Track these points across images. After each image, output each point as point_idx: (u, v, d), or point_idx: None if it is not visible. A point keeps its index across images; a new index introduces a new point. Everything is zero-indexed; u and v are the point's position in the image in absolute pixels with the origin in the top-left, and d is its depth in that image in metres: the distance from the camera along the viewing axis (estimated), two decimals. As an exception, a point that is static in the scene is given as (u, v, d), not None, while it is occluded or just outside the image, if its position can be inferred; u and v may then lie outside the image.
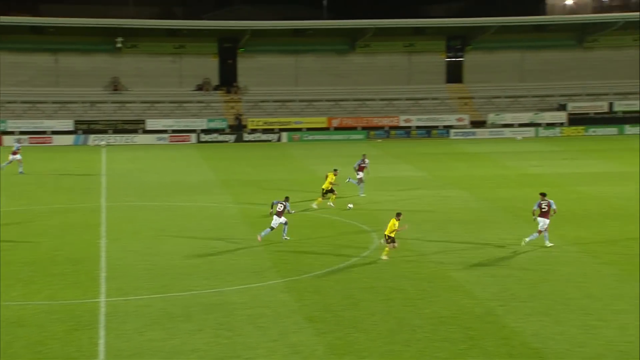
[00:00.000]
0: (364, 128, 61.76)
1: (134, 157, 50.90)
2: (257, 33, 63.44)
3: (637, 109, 61.81)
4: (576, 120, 61.23)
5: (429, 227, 29.70)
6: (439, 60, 67.00)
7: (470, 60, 66.81)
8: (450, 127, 61.52)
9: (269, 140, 60.59)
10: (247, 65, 65.71)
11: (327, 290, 21.82)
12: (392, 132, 61.48)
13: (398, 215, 24.81)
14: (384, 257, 24.84)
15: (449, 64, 67.82)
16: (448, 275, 23.35)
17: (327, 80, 66.01)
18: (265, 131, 61.48)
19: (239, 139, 60.44)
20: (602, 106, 62.25)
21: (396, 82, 66.30)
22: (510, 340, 18.19)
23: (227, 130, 61.60)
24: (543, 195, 26.77)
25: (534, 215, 26.68)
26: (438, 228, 29.50)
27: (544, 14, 74.70)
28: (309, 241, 27.59)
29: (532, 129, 60.33)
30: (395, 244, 24.72)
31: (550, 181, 39.46)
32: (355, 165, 36.28)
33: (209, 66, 65.36)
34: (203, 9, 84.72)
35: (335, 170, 33.77)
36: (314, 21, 67.48)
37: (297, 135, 60.92)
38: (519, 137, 59.03)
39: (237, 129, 61.88)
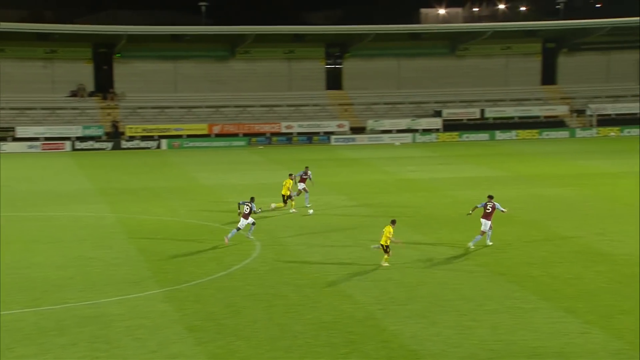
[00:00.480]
0: (245, 135, 61.69)
1: (3, 166, 48.79)
2: (133, 38, 62.25)
3: (507, 115, 64.62)
4: (450, 126, 63.38)
5: (310, 232, 29.98)
6: (319, 67, 67.85)
7: (350, 67, 68.01)
8: (331, 133, 62.37)
9: (148, 148, 59.51)
10: (124, 71, 64.35)
11: (209, 299, 21.65)
12: (274, 138, 61.71)
13: (393, 222, 24.86)
14: (385, 264, 24.83)
15: (329, 70, 68.78)
16: (330, 280, 23.65)
17: (207, 86, 65.55)
18: (144, 138, 60.36)
19: (117, 147, 59.05)
20: (474, 113, 64.72)
21: (277, 88, 66.63)
22: (389, 343, 18.61)
23: (104, 138, 60.08)
24: (490, 197, 27.41)
25: (471, 211, 27.61)
26: (320, 234, 29.82)
27: (418, 22, 76.96)
28: (190, 249, 27.29)
29: (409, 134, 62.00)
30: (389, 252, 24.84)
31: (427, 186, 40.68)
32: (297, 176, 35.06)
33: (82, 72, 63.58)
34: (75, 12, 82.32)
35: (290, 174, 34.11)
36: (192, 27, 66.92)
37: (177, 142, 60.13)
38: (397, 143, 60.53)
39: (115, 136, 60.44)
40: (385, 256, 24.93)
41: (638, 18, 65.39)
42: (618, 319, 19.91)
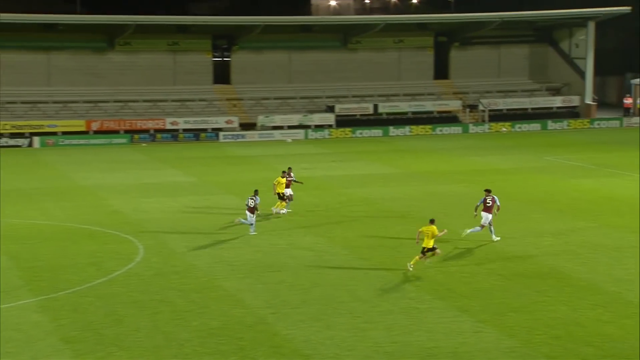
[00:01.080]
0: (127, 131, 60.42)
1: None
2: (1, 27, 59.83)
3: (400, 110, 65.96)
4: (343, 122, 64.11)
5: (198, 235, 29.69)
6: (205, 60, 67.23)
7: (238, 60, 67.69)
8: (220, 129, 61.92)
9: (19, 146, 57.38)
10: (-8, 63, 61.81)
11: (87, 308, 21.11)
12: (158, 135, 60.72)
13: (432, 221, 24.65)
14: (411, 267, 24.60)
15: (216, 64, 68.24)
16: (218, 285, 23.49)
17: (84, 80, 63.78)
18: (13, 135, 58.17)
19: (-16, 145, 56.67)
20: (367, 108, 65.70)
21: (161, 82, 65.57)
22: (281, 348, 18.66)
23: (-31, 135, 57.53)
24: (488, 191, 28.11)
25: (475, 211, 28.06)
26: (208, 235, 29.58)
27: (309, 14, 77.46)
28: (67, 255, 26.51)
29: (301, 131, 62.32)
30: (438, 250, 24.55)
31: (320, 184, 41.01)
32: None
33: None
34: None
35: (283, 172, 33.04)
36: (66, 15, 64.86)
37: (51, 139, 58.25)
38: (289, 140, 60.75)
39: (-18, 133, 57.96)
40: (416, 257, 24.63)
41: (528, 12, 68.03)
42: (510, 317, 20.67)
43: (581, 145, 54.07)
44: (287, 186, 33.25)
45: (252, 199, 29.09)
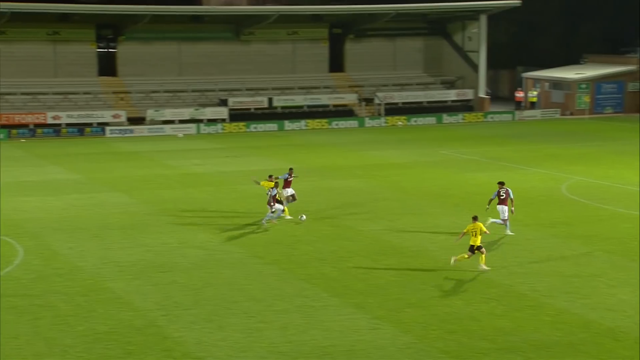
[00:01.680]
0: (3, 126, 58.36)
1: None
2: None
3: (296, 104, 66.20)
4: (237, 116, 63.84)
5: (83, 235, 29.01)
6: (89, 50, 65.66)
7: (125, 51, 66.42)
8: (106, 124, 60.60)
9: None
10: None
11: (-38, 316, 20.30)
12: (39, 130, 58.92)
13: (475, 218, 24.58)
14: (485, 267, 24.25)
15: (101, 55, 66.76)
16: (105, 287, 23.03)
17: (-46, 71, 61.25)
18: None
19: None
20: (262, 101, 65.64)
21: (41, 74, 63.63)
22: (172, 351, 18.46)
23: None
24: (501, 184, 28.69)
25: (488, 204, 28.46)
26: (94, 236, 28.94)
27: (199, 4, 76.61)
28: (-62, 260, 25.40)
29: (193, 125, 61.70)
30: (483, 249, 24.33)
31: (213, 180, 40.74)
32: (281, 178, 32.11)
33: None
34: None
35: (270, 176, 31.15)
36: None
37: None
38: (180, 135, 60.04)
39: None
40: (482, 256, 24.36)
41: (421, 4, 69.44)
42: (406, 313, 21.08)
43: (475, 139, 55.61)
44: (288, 185, 32.38)
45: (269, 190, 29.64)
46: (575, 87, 67.75)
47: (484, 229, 24.46)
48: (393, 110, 67.27)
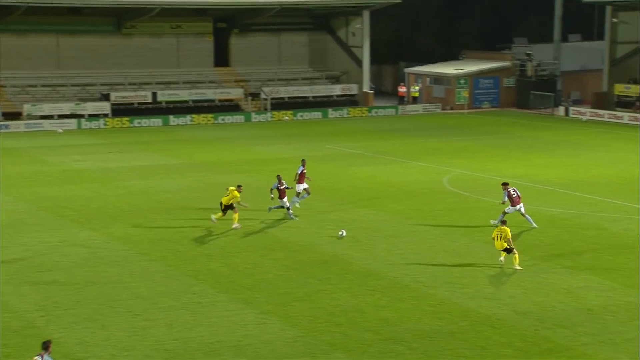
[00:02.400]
0: None
1: None
2: None
3: (181, 99, 65.37)
4: (120, 111, 62.47)
5: (-44, 236, 27.78)
6: (-39, 43, 62.84)
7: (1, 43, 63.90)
8: (-20, 119, 58.17)
9: None
10: None
11: None
12: None
13: (504, 222, 24.96)
14: (518, 267, 24.06)
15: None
16: (-19, 289, 22.12)
17: None
18: None
19: None
20: (145, 96, 64.47)
21: None
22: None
23: None
24: (505, 184, 29.13)
25: (504, 201, 28.84)
26: (-32, 236, 27.75)
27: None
28: None
29: (73, 120, 59.96)
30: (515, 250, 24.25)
31: (95, 176, 39.77)
32: (297, 172, 31.84)
33: None
34: None
35: (239, 186, 29.43)
36: None
37: None
38: (60, 130, 58.27)
39: None
40: (515, 255, 24.04)
41: None
42: (293, 307, 21.19)
43: (360, 133, 56.35)
44: (301, 181, 31.93)
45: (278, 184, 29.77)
46: (455, 83, 69.59)
47: (509, 235, 24.07)
48: (279, 105, 67.37)
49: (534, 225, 28.93)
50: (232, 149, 49.49)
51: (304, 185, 32.28)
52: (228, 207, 29.11)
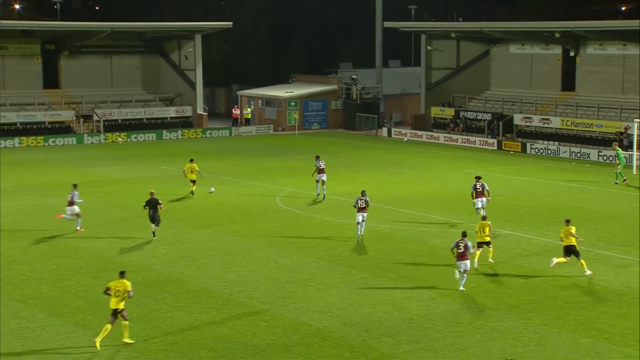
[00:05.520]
0: None
1: None
2: None
3: (8, 121, 62.40)
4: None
5: None
6: None
7: None
8: None
9: None
10: None
11: None
12: None
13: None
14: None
15: None
16: None
17: None
18: None
19: None
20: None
21: None
22: None
23: None
24: (478, 178, 32.09)
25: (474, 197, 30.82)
26: None
27: None
28: None
29: None
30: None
31: None
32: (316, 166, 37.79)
33: None
34: None
35: (191, 160, 38.90)
36: None
37: None
38: None
39: None
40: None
41: (137, 23, 68.66)
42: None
43: (195, 154, 55.75)
44: (322, 172, 37.94)
45: (361, 199, 29.89)
46: (286, 105, 70.58)
47: (488, 231, 26.02)
48: (113, 127, 65.80)
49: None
50: (64, 171, 47.78)
51: (323, 176, 38.24)
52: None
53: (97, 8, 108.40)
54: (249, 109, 72.75)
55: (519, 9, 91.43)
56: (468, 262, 23.89)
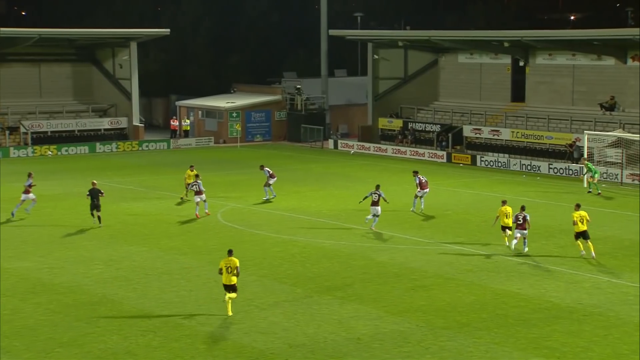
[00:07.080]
0: None
1: None
2: None
3: None
4: None
5: None
6: None
7: None
8: None
9: None
10: None
11: None
12: None
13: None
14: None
15: None
16: None
17: None
18: None
19: None
20: None
21: None
22: None
23: None
24: (416, 172, 38.87)
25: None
26: None
27: None
28: None
29: None
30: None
31: None
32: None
33: None
34: None
35: (191, 166, 40.98)
36: None
37: None
38: None
39: None
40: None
41: (66, 29, 67.70)
42: (57, 353, 20.33)
43: (131, 168, 55.35)
44: (272, 177, 41.57)
45: (375, 193, 34.16)
46: (227, 116, 70.32)
47: (510, 211, 30.44)
48: (42, 139, 64.75)
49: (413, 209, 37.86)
50: (-11, 187, 46.76)
51: (274, 180, 42.36)
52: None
53: (23, 13, 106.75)
54: (187, 120, 72.33)
55: (467, 17, 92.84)
56: (526, 231, 29.96)
